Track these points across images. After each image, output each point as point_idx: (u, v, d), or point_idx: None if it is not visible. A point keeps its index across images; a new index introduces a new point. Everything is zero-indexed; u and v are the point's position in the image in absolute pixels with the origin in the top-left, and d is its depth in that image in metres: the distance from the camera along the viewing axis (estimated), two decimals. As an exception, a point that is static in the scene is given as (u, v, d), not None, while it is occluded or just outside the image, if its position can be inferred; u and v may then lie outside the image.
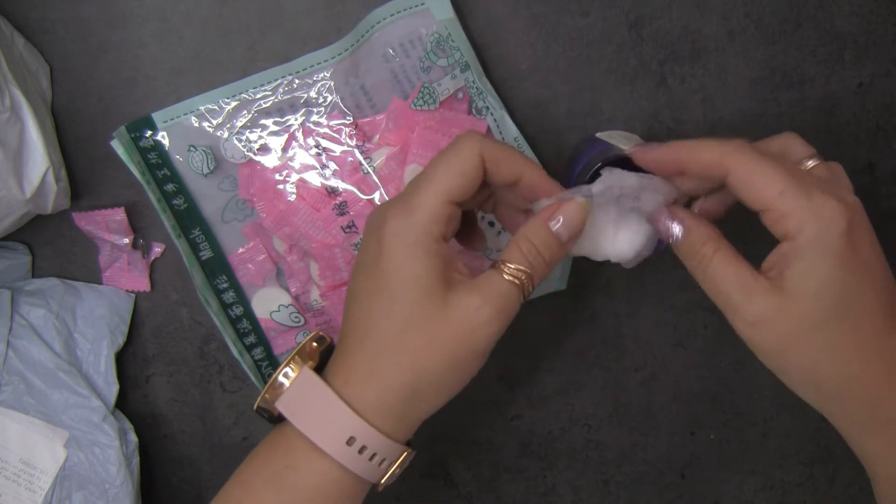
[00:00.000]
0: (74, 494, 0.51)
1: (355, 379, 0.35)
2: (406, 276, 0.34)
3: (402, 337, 0.34)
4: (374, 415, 0.34)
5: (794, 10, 0.50)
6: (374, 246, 0.35)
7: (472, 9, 0.50)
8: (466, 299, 0.34)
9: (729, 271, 0.34)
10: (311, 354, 0.36)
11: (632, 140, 0.49)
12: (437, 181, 0.34)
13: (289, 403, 0.35)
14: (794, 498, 0.59)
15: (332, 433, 0.34)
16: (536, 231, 0.36)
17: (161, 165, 0.50)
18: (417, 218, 0.34)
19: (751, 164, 0.33)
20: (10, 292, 0.51)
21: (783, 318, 0.33)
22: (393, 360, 0.34)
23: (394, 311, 0.34)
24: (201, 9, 0.50)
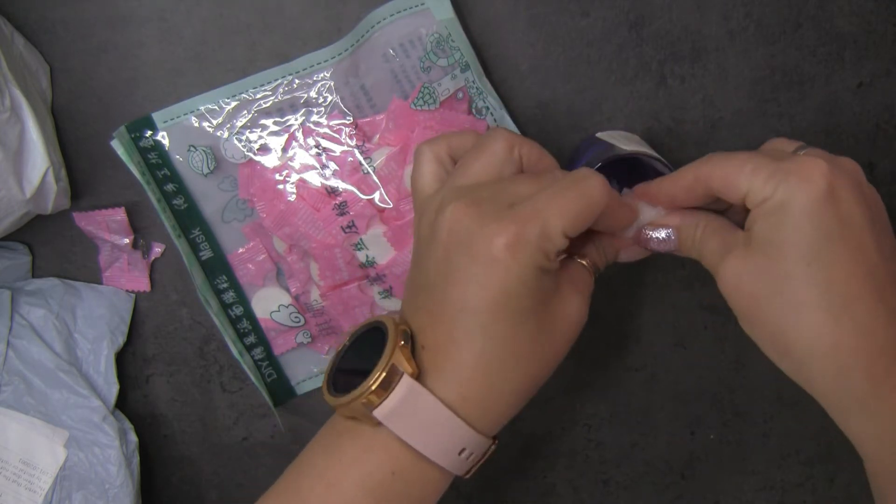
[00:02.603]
0: (74, 494, 0.51)
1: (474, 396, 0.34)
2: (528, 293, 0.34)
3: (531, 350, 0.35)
4: (481, 422, 0.35)
5: (794, 10, 0.50)
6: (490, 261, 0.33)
7: (472, 9, 0.50)
8: (572, 300, 0.36)
9: (714, 240, 0.35)
10: (406, 356, 0.34)
11: (632, 140, 0.49)
12: (568, 215, 0.34)
13: (391, 413, 0.33)
14: (794, 498, 0.59)
15: (447, 447, 0.34)
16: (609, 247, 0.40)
17: (161, 165, 0.50)
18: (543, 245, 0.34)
19: (720, 163, 0.34)
20: (10, 292, 0.51)
21: (750, 273, 0.32)
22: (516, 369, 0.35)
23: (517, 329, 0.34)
24: (201, 9, 0.50)
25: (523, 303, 0.34)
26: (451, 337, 0.34)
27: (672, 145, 0.52)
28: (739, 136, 0.52)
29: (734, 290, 0.33)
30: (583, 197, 0.34)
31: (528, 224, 0.33)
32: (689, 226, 0.36)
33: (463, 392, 0.34)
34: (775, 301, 0.32)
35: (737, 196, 0.33)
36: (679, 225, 0.37)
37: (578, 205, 0.34)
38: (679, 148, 0.52)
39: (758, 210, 0.33)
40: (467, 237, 0.34)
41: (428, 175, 0.38)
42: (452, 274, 0.34)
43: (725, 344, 0.56)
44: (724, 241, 0.34)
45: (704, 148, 0.52)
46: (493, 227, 0.33)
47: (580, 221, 0.34)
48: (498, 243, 0.33)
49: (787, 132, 0.52)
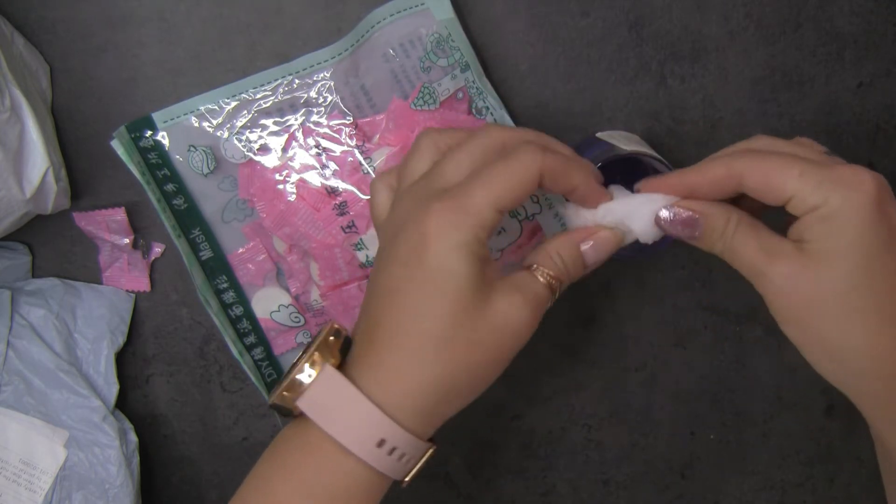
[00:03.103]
0: (74, 494, 0.51)
1: (387, 379, 0.34)
2: (454, 274, 0.33)
3: (446, 336, 0.33)
4: (405, 415, 0.34)
5: (794, 10, 0.50)
6: (416, 239, 0.34)
7: (472, 9, 0.50)
8: (509, 298, 0.34)
9: (752, 240, 0.34)
10: (331, 350, 0.35)
11: (632, 140, 0.49)
12: (492, 190, 0.33)
13: (313, 403, 0.34)
14: (794, 498, 0.59)
15: (363, 436, 0.33)
16: (568, 249, 0.36)
17: (161, 165, 0.50)
18: (470, 222, 0.33)
19: (762, 162, 0.33)
20: (10, 292, 0.51)
21: (806, 279, 0.32)
22: (432, 360, 0.33)
23: (438, 309, 0.33)
24: (201, 9, 0.50)
25: (448, 280, 0.33)
26: (371, 320, 0.35)
27: (672, 145, 0.52)
28: (739, 136, 0.52)
29: (786, 295, 0.33)
30: (510, 166, 0.34)
31: (455, 203, 0.33)
32: (720, 217, 0.35)
33: (378, 378, 0.34)
34: (832, 307, 0.32)
35: (779, 198, 0.33)
36: (708, 213, 0.35)
37: (506, 175, 0.34)
38: (679, 148, 0.52)
39: (810, 217, 0.32)
40: (402, 226, 0.35)
41: (381, 205, 0.39)
42: (385, 259, 0.35)
43: (725, 344, 0.56)
44: (765, 243, 0.34)
45: (704, 148, 0.52)
46: (422, 212, 0.34)
47: (511, 192, 0.34)
48: (425, 226, 0.33)
49: (787, 132, 0.52)
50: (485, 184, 0.34)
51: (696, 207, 0.35)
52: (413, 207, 0.35)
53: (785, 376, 0.56)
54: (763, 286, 0.33)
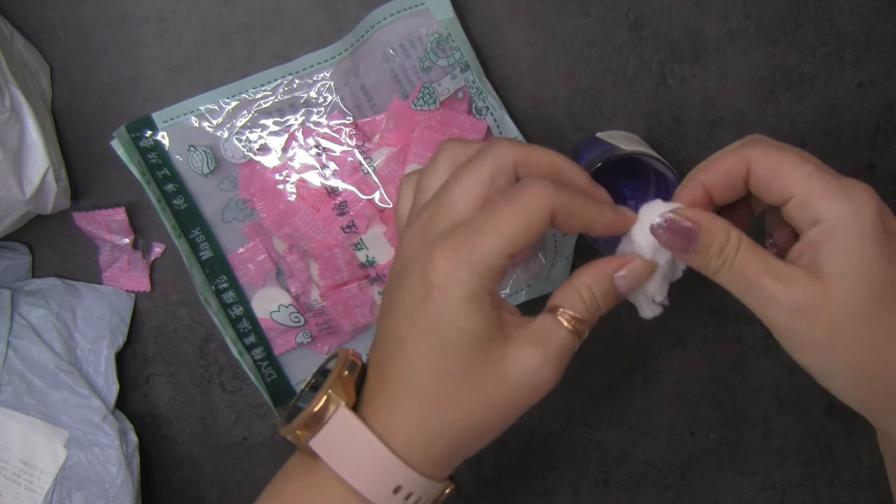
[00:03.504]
0: (74, 494, 0.51)
1: (401, 428, 0.32)
2: (460, 329, 0.31)
3: (456, 394, 0.32)
4: (420, 463, 0.32)
5: (794, 10, 0.50)
6: (421, 290, 0.31)
7: (472, 9, 0.50)
8: (527, 355, 0.32)
9: (758, 262, 0.31)
10: (346, 387, 0.33)
11: (632, 140, 0.49)
12: (503, 236, 0.31)
13: (326, 445, 0.32)
14: (794, 498, 0.59)
15: (379, 482, 0.32)
16: (601, 282, 0.34)
17: (161, 165, 0.50)
18: (477, 271, 0.31)
19: (774, 153, 0.31)
20: (10, 292, 0.51)
21: (829, 304, 0.30)
22: (443, 416, 0.32)
23: (445, 366, 0.32)
24: (201, 9, 0.50)
25: (455, 337, 0.31)
26: (383, 368, 0.33)
27: (672, 145, 0.52)
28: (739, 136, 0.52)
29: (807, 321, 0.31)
30: (519, 209, 0.31)
31: (461, 252, 0.31)
32: (721, 231, 0.32)
33: (392, 425, 0.32)
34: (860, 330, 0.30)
35: (780, 195, 0.31)
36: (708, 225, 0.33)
37: (514, 219, 0.31)
38: (679, 148, 0.52)
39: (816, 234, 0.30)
40: (407, 269, 0.33)
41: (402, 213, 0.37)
42: (391, 303, 0.34)
43: (725, 344, 0.56)
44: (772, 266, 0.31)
45: (704, 148, 0.52)
46: (427, 257, 0.32)
47: (520, 237, 0.31)
48: (430, 276, 0.31)
49: (787, 132, 0.52)
50: (493, 229, 0.31)
51: (695, 217, 0.33)
52: (418, 249, 0.32)
53: (785, 376, 0.56)
54: (776, 313, 0.31)
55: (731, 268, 0.32)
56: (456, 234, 0.32)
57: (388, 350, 0.33)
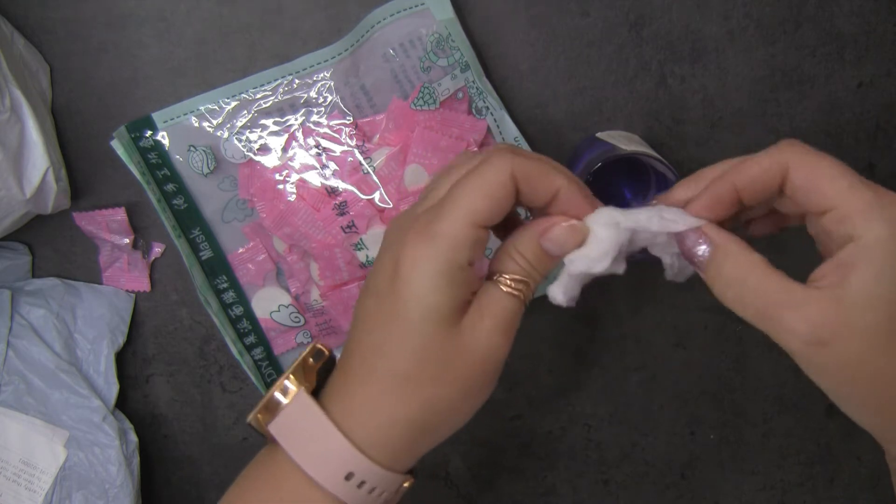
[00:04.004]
0: (74, 494, 0.51)
1: (359, 410, 0.32)
2: (425, 305, 0.31)
3: (416, 371, 0.32)
4: (377, 449, 0.32)
5: (794, 10, 0.50)
6: (391, 269, 0.32)
7: (472, 9, 0.50)
8: (478, 326, 0.32)
9: (773, 285, 0.30)
10: (308, 373, 0.33)
11: (632, 140, 0.49)
12: (462, 204, 0.31)
13: (282, 428, 0.32)
14: (794, 498, 0.59)
15: (330, 467, 0.32)
16: (527, 244, 0.33)
17: (161, 165, 0.50)
18: (440, 246, 0.31)
19: (813, 160, 0.30)
20: (10, 292, 0.51)
21: (849, 333, 0.28)
22: (403, 395, 0.32)
23: (407, 343, 0.31)
24: (201, 9, 0.50)
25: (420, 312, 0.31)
26: (349, 351, 0.34)
27: (672, 145, 0.52)
28: (739, 136, 0.52)
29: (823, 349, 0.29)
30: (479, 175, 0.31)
31: (426, 228, 0.31)
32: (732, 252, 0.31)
33: (350, 408, 0.32)
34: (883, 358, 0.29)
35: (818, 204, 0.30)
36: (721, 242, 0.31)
37: (474, 186, 0.31)
38: (679, 148, 0.52)
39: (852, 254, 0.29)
40: (381, 255, 0.33)
41: None
42: (365, 287, 0.34)
43: (725, 344, 0.56)
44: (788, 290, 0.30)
45: (704, 148, 0.52)
46: (398, 241, 0.32)
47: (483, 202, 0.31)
48: (399, 256, 0.31)
49: (787, 132, 0.52)
50: (454, 201, 0.31)
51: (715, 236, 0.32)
52: (394, 236, 0.33)
53: (785, 376, 0.56)
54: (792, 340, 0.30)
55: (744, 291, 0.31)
56: (426, 213, 0.32)
57: (355, 332, 0.34)
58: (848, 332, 0.28)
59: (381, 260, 0.33)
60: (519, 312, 0.33)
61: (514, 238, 0.34)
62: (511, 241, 0.34)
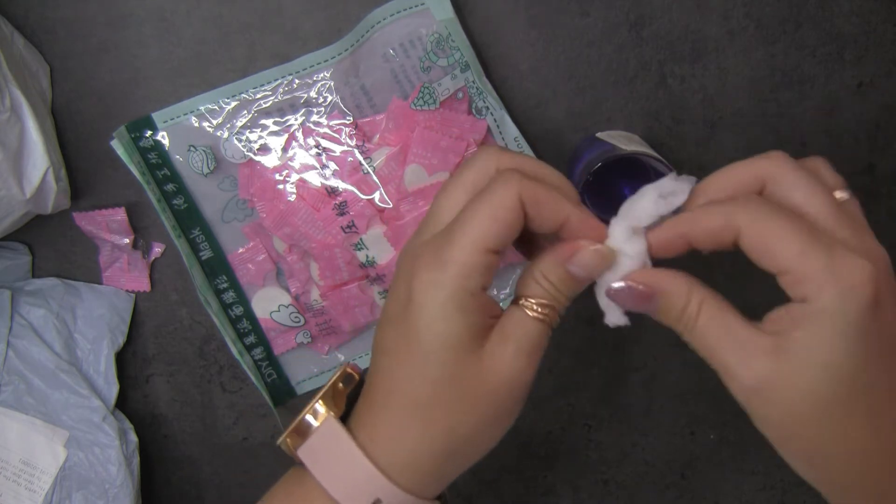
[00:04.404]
0: (74, 494, 0.51)
1: (384, 437, 0.32)
2: (439, 334, 0.31)
3: (436, 399, 0.31)
4: (404, 476, 0.32)
5: (794, 10, 0.50)
6: (404, 298, 0.32)
7: (472, 9, 0.50)
8: (500, 351, 0.31)
9: (719, 330, 0.31)
10: (337, 398, 0.34)
11: (632, 140, 0.49)
12: (472, 230, 0.31)
13: (311, 453, 0.33)
14: (794, 498, 0.59)
15: (358, 494, 0.32)
16: (552, 269, 0.32)
17: (161, 165, 0.50)
18: (451, 272, 0.31)
19: (764, 223, 0.29)
20: (10, 292, 0.51)
21: (785, 387, 0.29)
22: (425, 423, 0.32)
23: (425, 371, 0.31)
24: (201, 9, 0.50)
25: (434, 341, 0.31)
26: (371, 379, 0.34)
27: (672, 145, 0.52)
28: (739, 136, 0.52)
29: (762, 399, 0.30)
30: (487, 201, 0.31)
31: (436, 256, 0.31)
32: (679, 296, 0.32)
33: (376, 436, 0.32)
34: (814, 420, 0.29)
35: (772, 267, 0.29)
36: (665, 291, 0.32)
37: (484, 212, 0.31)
38: (679, 148, 0.52)
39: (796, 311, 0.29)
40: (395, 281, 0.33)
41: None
42: (382, 315, 0.34)
43: (725, 344, 0.56)
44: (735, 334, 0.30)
45: (704, 148, 0.52)
46: (410, 267, 0.32)
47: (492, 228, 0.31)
48: (411, 285, 0.31)
49: (787, 132, 0.52)
50: (463, 226, 0.31)
51: (653, 282, 0.32)
52: (406, 264, 0.33)
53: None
54: (732, 384, 0.30)
55: (693, 333, 0.31)
56: (435, 239, 0.32)
57: (375, 360, 0.34)
58: (786, 388, 0.29)
59: (395, 288, 0.33)
60: (544, 336, 0.33)
61: (539, 262, 0.33)
62: (535, 264, 0.33)
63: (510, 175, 0.31)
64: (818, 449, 0.30)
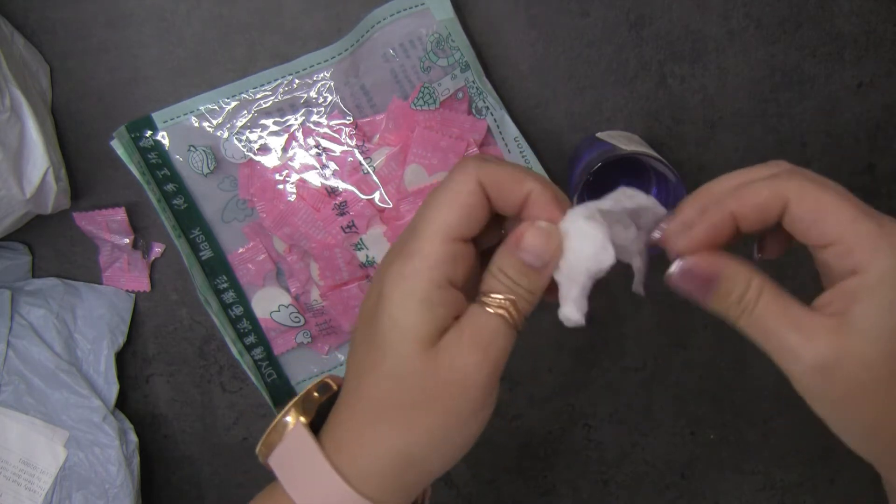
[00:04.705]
0: (74, 494, 0.51)
1: (347, 441, 0.31)
2: (400, 325, 0.30)
3: (392, 397, 0.30)
4: (367, 483, 0.30)
5: (794, 10, 0.50)
6: (375, 295, 0.31)
7: (472, 9, 0.50)
8: (454, 345, 0.30)
9: (779, 311, 0.29)
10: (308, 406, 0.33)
11: (632, 140, 0.49)
12: (432, 219, 0.30)
13: (279, 461, 0.32)
14: (794, 498, 0.59)
15: (317, 500, 0.31)
16: (506, 259, 0.31)
17: (161, 165, 0.50)
18: (416, 263, 0.30)
19: (815, 192, 0.29)
20: (10, 292, 0.51)
21: (850, 363, 0.28)
22: (384, 422, 0.30)
23: (383, 367, 0.30)
24: (201, 9, 0.50)
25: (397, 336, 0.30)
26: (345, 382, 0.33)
27: (672, 145, 0.52)
28: (739, 136, 0.52)
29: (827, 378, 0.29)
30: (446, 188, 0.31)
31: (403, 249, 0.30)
32: (740, 278, 0.30)
33: (341, 441, 0.31)
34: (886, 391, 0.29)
35: (820, 237, 0.29)
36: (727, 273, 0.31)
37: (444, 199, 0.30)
38: (679, 148, 0.52)
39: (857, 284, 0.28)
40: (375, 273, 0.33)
41: None
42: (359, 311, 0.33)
43: (725, 344, 0.56)
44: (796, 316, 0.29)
45: (704, 148, 0.52)
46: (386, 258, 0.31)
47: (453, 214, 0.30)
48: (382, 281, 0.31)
49: (787, 132, 0.52)
50: (424, 217, 0.30)
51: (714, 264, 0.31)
52: (381, 263, 0.32)
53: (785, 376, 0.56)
54: (795, 367, 0.29)
55: (751, 316, 0.30)
56: (402, 235, 0.31)
57: (347, 361, 0.33)
58: (852, 362, 0.28)
59: (372, 284, 0.32)
60: (503, 331, 0.31)
61: (495, 255, 0.32)
62: (493, 258, 0.32)
63: (467, 161, 0.31)
64: (881, 422, 0.30)
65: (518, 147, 0.50)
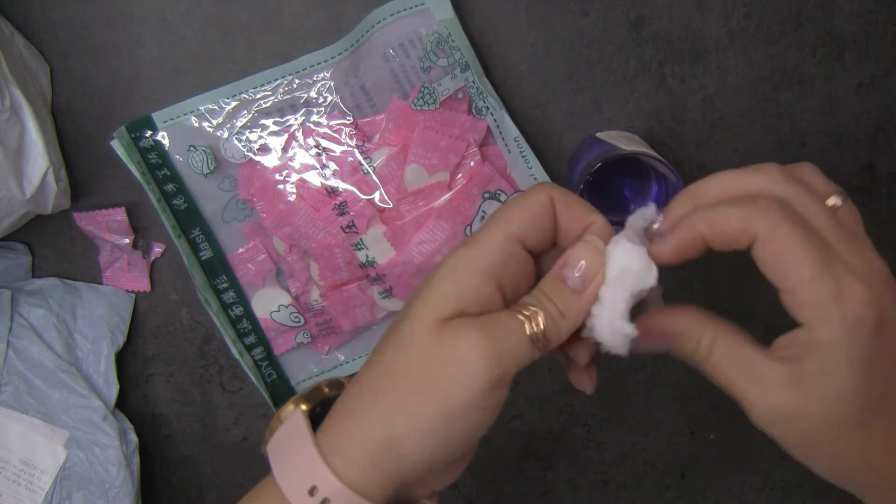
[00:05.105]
0: (74, 494, 0.51)
1: (338, 423, 0.31)
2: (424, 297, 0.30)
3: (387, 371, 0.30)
4: (350, 471, 0.29)
5: (794, 10, 0.50)
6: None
7: (472, 9, 0.50)
8: (463, 327, 0.29)
9: (733, 363, 0.30)
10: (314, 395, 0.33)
11: (632, 140, 0.49)
12: (499, 218, 0.31)
13: (275, 447, 0.32)
14: (794, 498, 0.59)
15: (298, 481, 0.30)
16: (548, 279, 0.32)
17: (161, 165, 0.50)
18: (471, 247, 0.30)
19: (783, 238, 0.29)
20: (10, 292, 0.51)
21: (802, 416, 0.29)
22: (373, 406, 0.30)
23: (391, 340, 0.30)
24: (201, 9, 0.50)
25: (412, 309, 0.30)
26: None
27: (672, 145, 0.52)
28: (739, 136, 0.52)
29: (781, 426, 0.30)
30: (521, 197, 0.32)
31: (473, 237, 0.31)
32: (691, 336, 0.31)
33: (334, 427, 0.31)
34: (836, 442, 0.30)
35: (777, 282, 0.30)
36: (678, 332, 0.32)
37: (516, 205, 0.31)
38: (679, 148, 0.52)
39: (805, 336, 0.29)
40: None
41: None
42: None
43: (725, 344, 0.56)
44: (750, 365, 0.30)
45: (704, 148, 0.52)
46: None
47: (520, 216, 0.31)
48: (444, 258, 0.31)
49: (787, 132, 0.52)
50: (494, 217, 0.32)
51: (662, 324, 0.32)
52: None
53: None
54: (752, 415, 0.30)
55: (708, 366, 0.31)
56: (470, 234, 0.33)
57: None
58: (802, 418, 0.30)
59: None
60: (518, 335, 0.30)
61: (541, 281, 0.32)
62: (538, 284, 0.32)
63: (543, 183, 0.33)
64: (840, 463, 0.31)
65: (518, 147, 0.50)
